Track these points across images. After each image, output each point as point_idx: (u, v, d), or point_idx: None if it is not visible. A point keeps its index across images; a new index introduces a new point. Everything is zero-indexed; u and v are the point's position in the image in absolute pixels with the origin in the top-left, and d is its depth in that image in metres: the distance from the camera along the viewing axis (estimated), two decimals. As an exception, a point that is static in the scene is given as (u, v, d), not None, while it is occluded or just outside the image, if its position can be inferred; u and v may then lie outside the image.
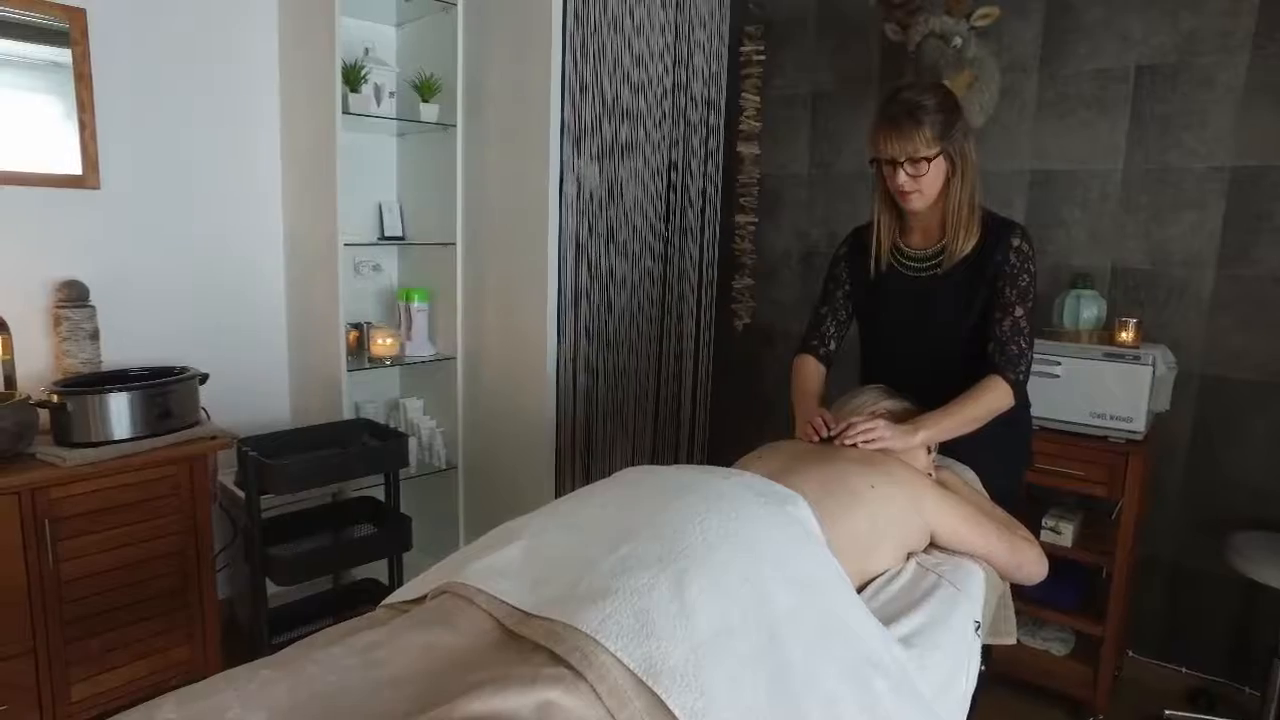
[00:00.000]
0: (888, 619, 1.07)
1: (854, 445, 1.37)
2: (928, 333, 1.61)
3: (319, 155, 2.36)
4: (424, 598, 1.03)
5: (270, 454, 2.10)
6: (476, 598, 0.92)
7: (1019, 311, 1.50)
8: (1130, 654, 2.39)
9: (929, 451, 1.46)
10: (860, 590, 1.16)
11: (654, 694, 0.77)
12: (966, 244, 1.52)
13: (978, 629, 1.15)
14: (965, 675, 1.11)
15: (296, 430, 2.33)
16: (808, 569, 0.98)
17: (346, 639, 0.91)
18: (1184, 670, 2.32)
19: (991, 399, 1.45)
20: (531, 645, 0.84)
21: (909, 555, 1.25)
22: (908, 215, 1.59)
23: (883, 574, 1.19)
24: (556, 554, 0.96)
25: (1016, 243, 1.51)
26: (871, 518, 1.17)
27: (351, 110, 2.38)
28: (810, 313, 1.80)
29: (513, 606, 0.89)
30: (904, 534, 1.22)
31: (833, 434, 1.42)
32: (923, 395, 1.52)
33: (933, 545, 1.29)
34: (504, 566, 0.95)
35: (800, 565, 0.97)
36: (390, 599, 1.09)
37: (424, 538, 2.90)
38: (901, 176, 1.47)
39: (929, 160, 1.44)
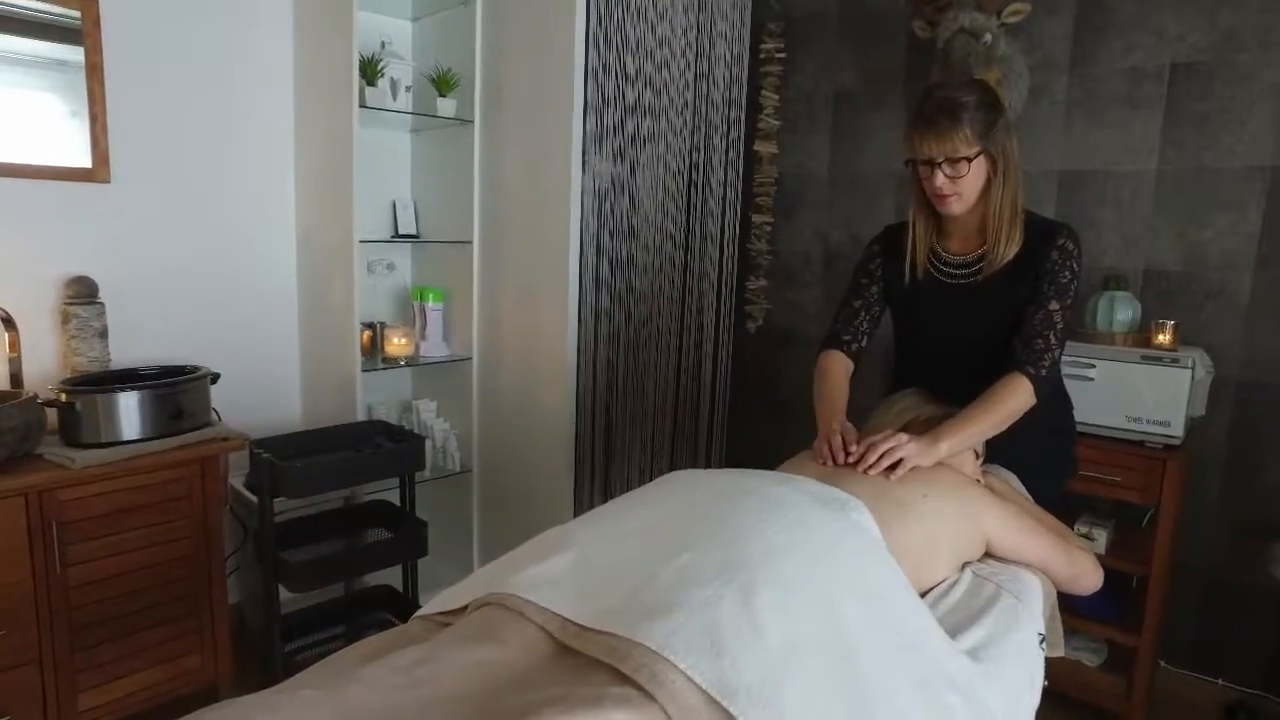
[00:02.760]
0: (950, 631, 1.02)
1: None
2: (967, 342, 1.53)
3: (334, 150, 2.31)
4: (462, 609, 0.97)
5: (284, 456, 2.04)
6: (525, 609, 0.86)
7: (1054, 305, 1.42)
8: (1162, 664, 2.33)
9: (976, 456, 1.41)
10: (917, 602, 1.10)
11: (728, 714, 0.72)
12: (1009, 250, 1.44)
13: (1041, 642, 1.10)
14: (1031, 690, 1.06)
15: (309, 432, 2.27)
16: (876, 579, 0.92)
17: (388, 656, 0.86)
18: (1220, 682, 2.27)
19: (1013, 400, 1.36)
20: (589, 661, 0.78)
21: (964, 565, 1.19)
22: (945, 219, 1.52)
23: (939, 584, 1.13)
24: (609, 564, 0.90)
25: (1060, 241, 1.44)
26: (926, 527, 1.12)
27: (368, 104, 2.33)
28: (839, 306, 1.70)
29: (566, 619, 0.83)
30: (960, 543, 1.17)
31: (851, 460, 1.27)
32: (962, 403, 1.46)
33: (986, 554, 1.24)
34: (553, 577, 0.90)
35: (869, 575, 0.92)
36: (424, 611, 1.03)
37: (437, 542, 2.83)
38: (939, 178, 1.39)
39: (969, 160, 1.36)
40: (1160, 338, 2.03)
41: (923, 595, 1.12)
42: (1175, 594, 2.26)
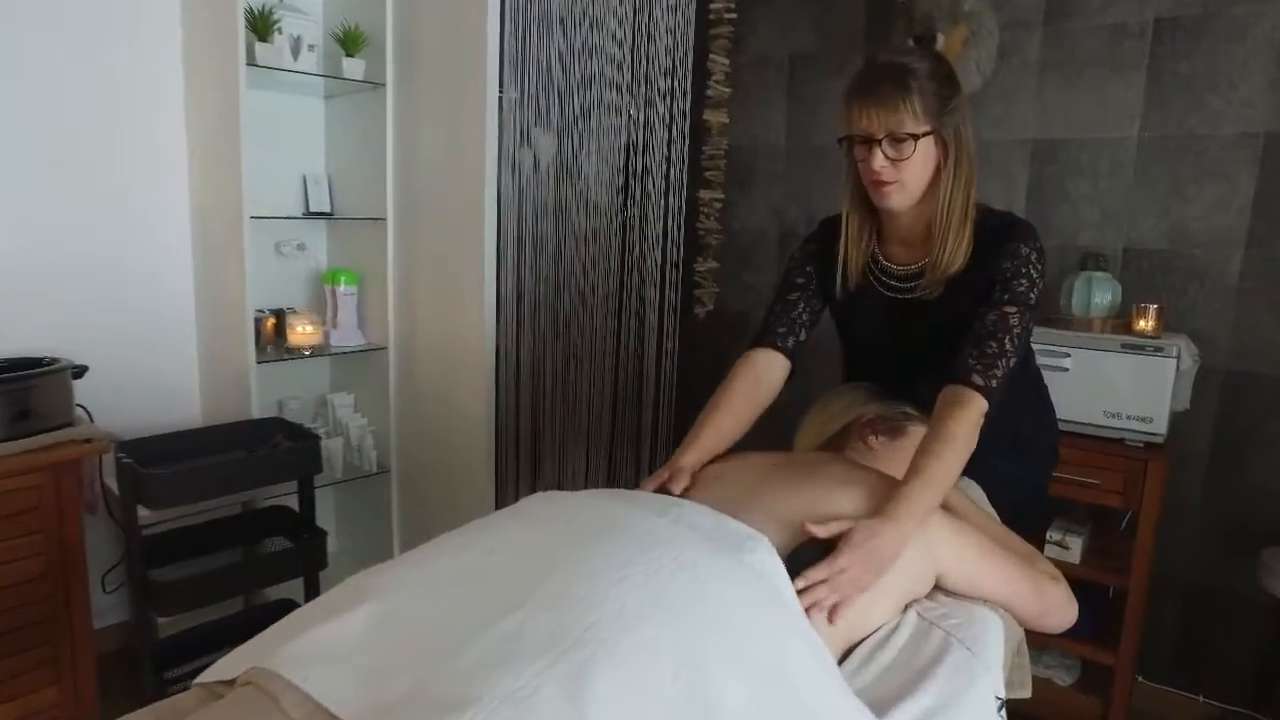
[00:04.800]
0: (883, 700, 0.79)
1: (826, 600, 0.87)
2: (914, 361, 1.29)
3: (223, 114, 2.04)
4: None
5: (157, 460, 1.79)
6: (284, 696, 0.62)
7: (1010, 309, 1.14)
8: (1140, 679, 2.14)
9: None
10: (845, 656, 0.88)
11: None
12: (956, 257, 1.18)
13: (1000, 707, 0.88)
14: (985, 770, 0.83)
15: (197, 431, 2.03)
16: (771, 648, 0.69)
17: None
18: (1201, 699, 2.08)
19: (966, 424, 1.06)
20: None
21: (907, 604, 0.97)
22: (885, 220, 1.25)
23: (874, 632, 0.91)
24: (412, 629, 0.66)
25: (1014, 246, 1.17)
26: None
27: (259, 63, 2.06)
28: (771, 303, 1.41)
29: (332, 715, 0.59)
30: (905, 579, 0.94)
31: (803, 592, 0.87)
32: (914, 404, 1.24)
33: (935, 587, 1.01)
34: (335, 646, 0.66)
35: (761, 642, 0.69)
36: (203, 677, 0.79)
37: (356, 550, 2.61)
38: (879, 160, 1.13)
39: (915, 139, 1.11)
40: (1142, 323, 1.82)
41: (853, 648, 0.89)
42: (1153, 604, 2.07)
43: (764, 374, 1.29)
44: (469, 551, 0.78)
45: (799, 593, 0.84)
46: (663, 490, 1.06)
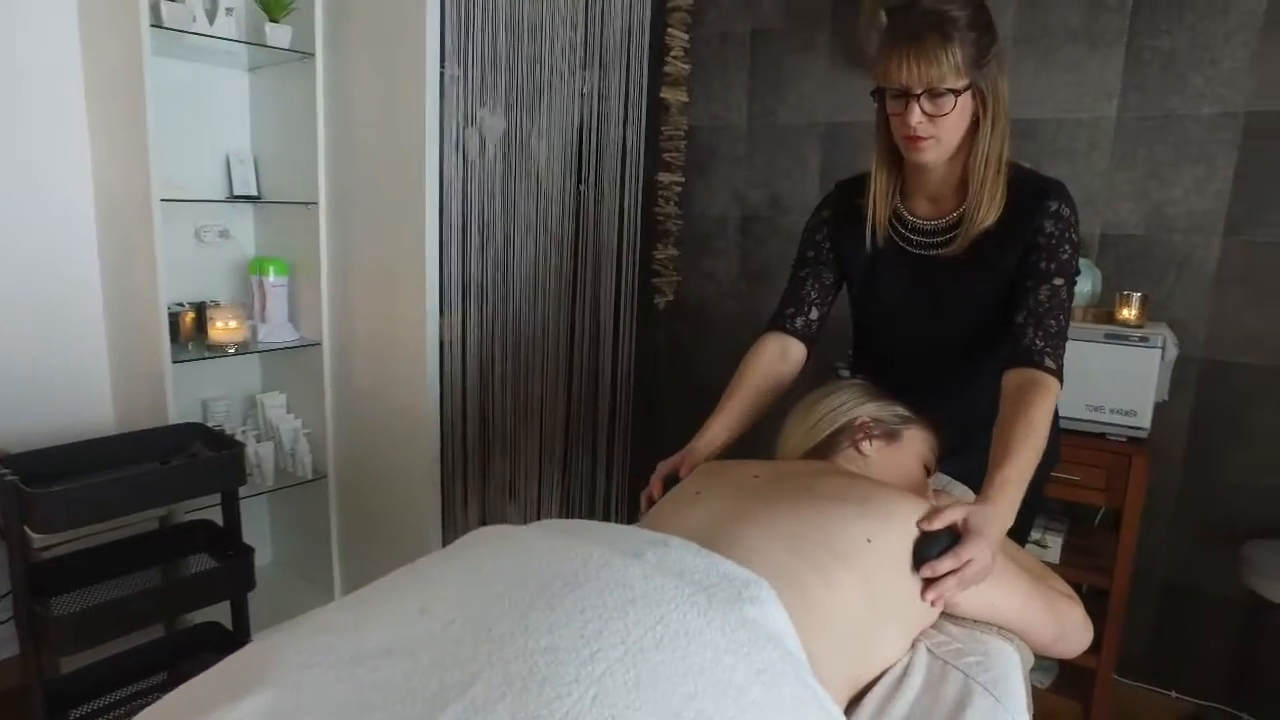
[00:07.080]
0: (902, 764, 0.67)
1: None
2: (933, 327, 1.25)
3: (126, 83, 1.82)
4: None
5: (50, 476, 1.58)
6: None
7: (1058, 281, 1.12)
8: (1114, 677, 2.08)
9: (928, 471, 1.06)
10: (852, 706, 0.75)
11: None
12: (989, 213, 1.13)
13: (1032, 764, 0.76)
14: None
15: (102, 440, 1.81)
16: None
17: None
18: (1174, 695, 2.04)
19: (1046, 409, 1.02)
20: None
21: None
22: (910, 174, 1.19)
23: (884, 673, 0.78)
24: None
25: (1054, 206, 1.12)
26: (871, 594, 0.76)
27: (166, 24, 1.84)
28: (787, 283, 1.36)
29: None
30: (920, 606, 0.82)
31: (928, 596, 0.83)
32: (923, 397, 1.13)
33: (943, 614, 0.89)
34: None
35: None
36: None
37: (291, 562, 2.43)
38: (915, 115, 1.07)
39: (956, 94, 1.04)
40: (1125, 312, 1.74)
41: (862, 693, 0.77)
42: (1130, 601, 2.02)
43: (770, 360, 1.27)
44: (396, 610, 0.62)
45: (926, 583, 0.82)
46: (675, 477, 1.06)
